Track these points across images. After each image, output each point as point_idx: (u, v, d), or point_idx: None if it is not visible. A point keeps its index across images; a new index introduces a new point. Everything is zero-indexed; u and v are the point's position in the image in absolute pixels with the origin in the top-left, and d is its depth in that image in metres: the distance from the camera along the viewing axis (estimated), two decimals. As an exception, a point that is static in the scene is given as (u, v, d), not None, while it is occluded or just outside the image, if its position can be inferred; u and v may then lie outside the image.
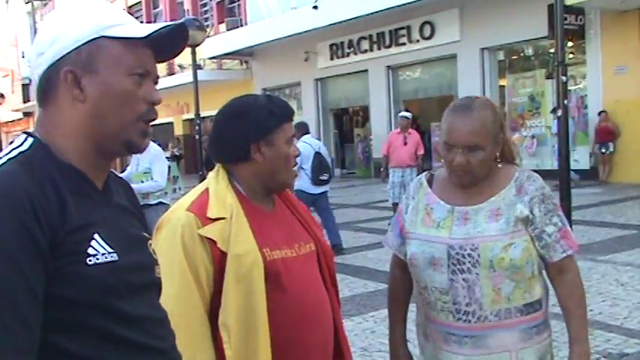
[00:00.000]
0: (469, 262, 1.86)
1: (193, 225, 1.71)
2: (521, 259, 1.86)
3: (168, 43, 1.28)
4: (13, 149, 1.17)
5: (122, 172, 6.46)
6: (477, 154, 1.86)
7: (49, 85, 1.20)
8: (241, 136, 1.81)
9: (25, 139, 1.19)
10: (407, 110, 10.56)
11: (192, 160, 23.27)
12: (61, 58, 1.19)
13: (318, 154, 7.79)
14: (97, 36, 1.20)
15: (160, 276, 1.33)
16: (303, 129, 7.99)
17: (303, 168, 7.50)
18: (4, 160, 1.14)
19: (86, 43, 1.19)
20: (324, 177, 7.80)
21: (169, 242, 1.69)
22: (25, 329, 1.05)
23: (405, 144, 9.87)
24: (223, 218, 1.73)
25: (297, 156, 1.87)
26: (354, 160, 21.37)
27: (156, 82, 1.28)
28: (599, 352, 4.19)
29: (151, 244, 1.33)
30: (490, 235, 1.86)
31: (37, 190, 1.10)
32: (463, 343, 1.88)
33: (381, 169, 10.88)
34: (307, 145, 7.66)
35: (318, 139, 14.24)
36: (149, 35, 1.21)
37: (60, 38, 1.19)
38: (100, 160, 1.24)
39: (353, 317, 5.15)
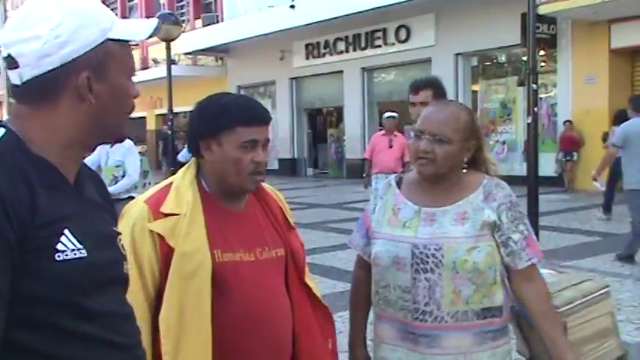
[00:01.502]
0: (432, 262, 1.88)
1: (145, 218, 1.70)
2: (484, 264, 1.88)
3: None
4: None
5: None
6: (443, 146, 1.90)
7: (51, 85, 1.17)
8: (194, 132, 1.82)
9: None
10: (392, 111, 9.72)
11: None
12: (74, 60, 1.17)
13: None
14: (104, 39, 1.21)
15: (128, 271, 1.32)
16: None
17: None
18: None
19: (97, 46, 1.20)
20: None
21: (123, 233, 1.68)
22: None
23: (391, 147, 9.03)
24: (177, 214, 1.72)
25: (258, 162, 1.77)
26: (326, 160, 21.42)
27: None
28: (561, 355, 4.27)
29: (120, 240, 1.32)
30: (455, 237, 1.89)
31: (7, 183, 1.08)
32: (419, 342, 1.90)
33: (364, 175, 10.15)
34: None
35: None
36: (150, 36, 1.27)
37: (71, 41, 1.17)
38: (78, 153, 1.24)
39: (321, 317, 5.16)
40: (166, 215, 1.71)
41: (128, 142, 6.22)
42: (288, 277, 1.87)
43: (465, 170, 2.00)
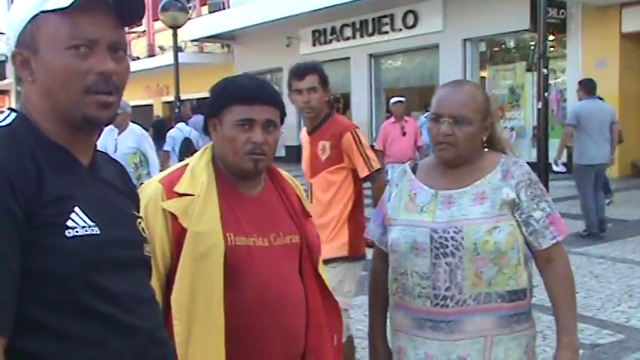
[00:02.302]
0: (452, 245, 1.84)
1: (159, 197, 1.70)
2: (505, 244, 1.84)
3: (127, 3, 1.20)
4: None
5: None
6: (463, 128, 1.87)
7: (15, 68, 1.20)
8: (204, 112, 1.85)
9: (9, 115, 1.20)
10: (400, 96, 9.40)
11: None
12: (17, 40, 1.18)
13: (187, 139, 8.93)
14: (36, 12, 1.16)
15: (149, 254, 1.32)
16: (179, 118, 9.71)
17: (174, 150, 8.83)
18: None
19: (29, 22, 1.17)
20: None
21: None
22: None
23: (404, 134, 8.72)
24: (191, 195, 1.71)
25: (254, 142, 1.74)
26: (333, 147, 21.35)
27: (117, 49, 1.20)
28: (572, 342, 4.25)
29: (140, 223, 1.32)
30: (474, 218, 1.85)
31: (14, 161, 1.09)
32: (439, 329, 1.86)
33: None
34: (178, 131, 9.05)
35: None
36: (72, 4, 1.13)
37: (12, 21, 1.18)
38: (77, 135, 1.21)
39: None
40: (180, 195, 1.71)
41: (138, 129, 6.21)
42: (302, 265, 1.85)
43: (486, 149, 1.97)
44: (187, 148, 8.66)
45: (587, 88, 7.73)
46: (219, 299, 1.65)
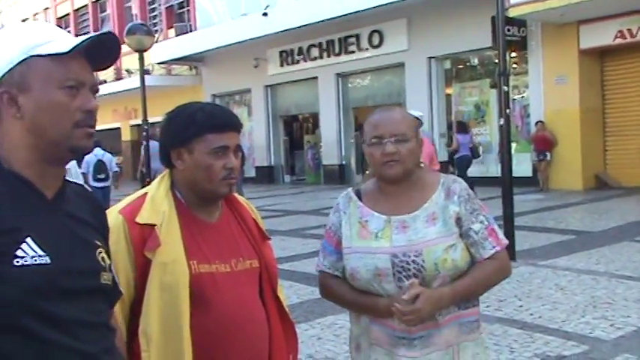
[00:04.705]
0: (414, 267, 1.88)
1: (120, 228, 1.70)
2: (461, 260, 1.92)
3: (103, 52, 1.35)
4: None
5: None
6: (405, 145, 1.94)
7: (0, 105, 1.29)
8: (164, 142, 1.84)
9: None
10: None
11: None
12: (0, 81, 1.28)
13: (99, 161, 11.58)
14: (26, 56, 1.28)
15: (109, 282, 1.36)
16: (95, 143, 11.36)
17: (89, 171, 11.28)
18: None
19: (17, 64, 1.28)
20: (101, 176, 11.66)
21: None
22: None
23: None
24: (153, 225, 1.72)
25: (230, 168, 1.79)
26: (303, 166, 21.42)
27: (95, 91, 1.35)
28: (539, 354, 4.32)
29: (100, 252, 1.36)
30: (432, 238, 1.90)
31: None
32: (412, 346, 1.91)
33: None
34: (92, 155, 11.03)
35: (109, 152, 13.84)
36: (72, 49, 1.28)
37: None
38: (48, 169, 1.30)
39: (300, 324, 5.16)
40: (142, 225, 1.71)
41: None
42: (262, 289, 1.87)
43: (421, 164, 2.05)
44: (100, 169, 11.56)
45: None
46: (187, 328, 1.67)
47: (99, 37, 1.32)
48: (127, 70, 23.79)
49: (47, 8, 31.88)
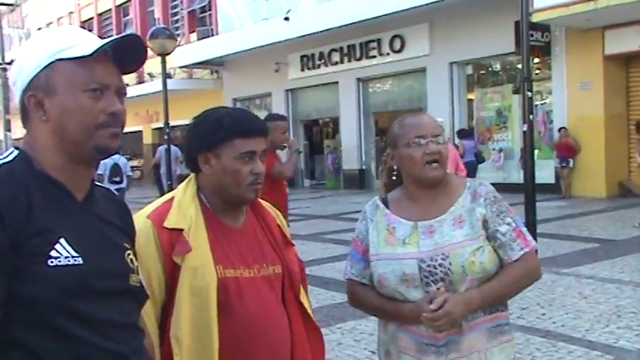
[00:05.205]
0: (441, 271, 1.88)
1: (150, 232, 1.71)
2: (489, 262, 1.90)
3: (130, 54, 1.37)
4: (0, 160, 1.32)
5: None
6: (444, 145, 1.96)
7: (24, 109, 1.34)
8: (191, 146, 1.85)
9: (12, 152, 1.33)
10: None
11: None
12: (28, 84, 1.32)
13: (115, 164, 12.19)
14: (52, 60, 1.32)
15: (138, 284, 1.40)
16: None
17: (105, 173, 11.92)
18: None
19: (44, 68, 1.31)
20: (116, 179, 12.22)
21: None
22: None
23: None
24: (180, 230, 1.73)
25: (257, 173, 1.80)
26: (323, 171, 21.41)
27: (121, 94, 1.38)
28: (562, 363, 4.25)
29: (129, 254, 1.39)
30: (459, 241, 1.90)
31: (8, 197, 1.22)
32: (440, 353, 1.90)
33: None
34: (109, 159, 10.88)
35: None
36: (95, 52, 1.30)
37: (23, 68, 1.33)
38: (76, 170, 1.34)
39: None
40: (170, 230, 1.73)
41: None
42: (284, 295, 1.88)
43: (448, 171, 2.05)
44: (115, 172, 12.23)
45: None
46: (216, 332, 1.68)
47: (122, 38, 1.34)
48: (149, 74, 23.99)
49: (71, 12, 32.27)
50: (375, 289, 2.01)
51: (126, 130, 1.43)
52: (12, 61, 11.54)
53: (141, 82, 24.42)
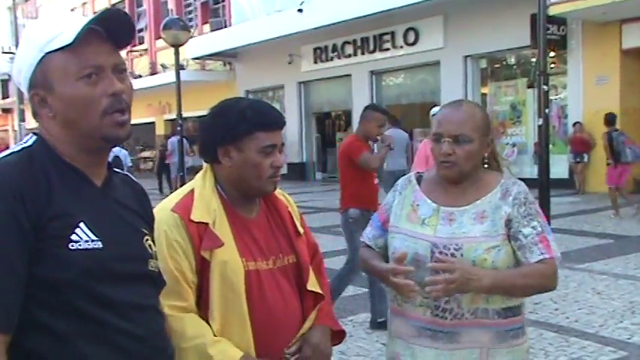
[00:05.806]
0: None
1: (180, 225, 1.71)
2: (502, 262, 1.87)
3: (122, 27, 1.33)
4: (20, 144, 1.32)
5: None
6: (463, 146, 1.90)
7: (32, 105, 1.34)
8: (210, 138, 1.82)
9: (31, 137, 1.34)
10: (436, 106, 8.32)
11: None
12: (29, 84, 1.31)
13: (116, 157, 12.25)
14: (42, 55, 1.29)
15: (156, 270, 1.41)
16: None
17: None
18: (9, 152, 1.30)
19: (37, 65, 1.29)
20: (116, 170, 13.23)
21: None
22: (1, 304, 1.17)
23: None
24: (206, 223, 1.72)
25: (277, 167, 1.81)
26: (335, 163, 21.33)
27: (120, 71, 1.33)
28: (575, 359, 4.22)
29: (147, 240, 1.41)
30: (475, 236, 1.88)
31: (29, 180, 1.23)
32: (437, 338, 1.89)
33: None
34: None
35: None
36: (75, 39, 1.25)
37: (22, 68, 1.32)
38: (91, 159, 1.34)
39: (331, 321, 5.13)
40: (197, 223, 1.73)
41: None
42: (298, 284, 1.88)
43: (485, 166, 2.00)
44: (116, 164, 12.14)
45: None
46: (249, 326, 1.71)
47: (102, 14, 1.30)
48: (162, 65, 24.04)
49: (85, 3, 32.35)
50: (377, 253, 2.05)
51: (139, 121, 1.41)
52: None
53: (154, 73, 24.47)
